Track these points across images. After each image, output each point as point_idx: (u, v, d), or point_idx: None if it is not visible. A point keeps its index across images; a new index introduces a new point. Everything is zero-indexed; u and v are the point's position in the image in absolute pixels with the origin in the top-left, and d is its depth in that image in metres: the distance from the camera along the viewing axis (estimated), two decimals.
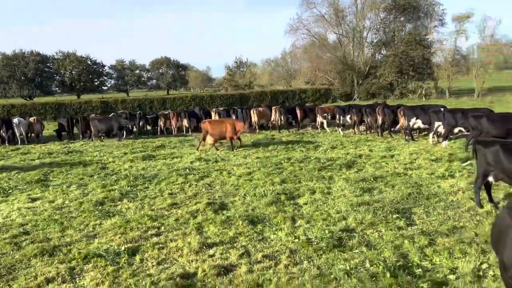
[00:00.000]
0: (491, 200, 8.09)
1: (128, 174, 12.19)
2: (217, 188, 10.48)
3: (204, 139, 16.31)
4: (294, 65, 61.05)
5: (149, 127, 23.38)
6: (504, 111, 16.06)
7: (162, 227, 7.75)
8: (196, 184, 10.87)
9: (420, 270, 5.54)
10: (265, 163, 12.97)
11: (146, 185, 11.00)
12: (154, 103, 36.94)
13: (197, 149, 16.27)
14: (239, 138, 16.02)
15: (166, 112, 23.10)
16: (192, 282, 5.62)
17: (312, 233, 7.03)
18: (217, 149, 16.15)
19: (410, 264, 5.70)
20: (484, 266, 5.49)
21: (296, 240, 6.85)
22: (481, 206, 7.84)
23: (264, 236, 7.12)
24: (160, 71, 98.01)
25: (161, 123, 22.26)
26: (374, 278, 5.32)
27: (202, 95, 42.91)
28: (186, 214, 8.38)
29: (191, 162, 13.91)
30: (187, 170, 12.60)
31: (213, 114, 22.05)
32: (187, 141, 19.42)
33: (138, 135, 22.33)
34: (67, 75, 79.91)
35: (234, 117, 20.65)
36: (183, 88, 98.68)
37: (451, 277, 5.33)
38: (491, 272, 5.33)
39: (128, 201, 9.51)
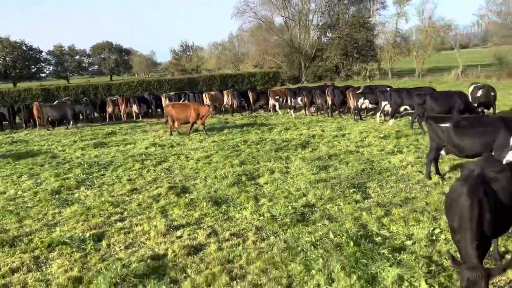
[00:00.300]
0: (438, 172, 8.72)
1: (82, 162, 11.91)
2: (176, 172, 10.51)
3: (172, 122, 15.94)
4: (242, 48, 61.02)
5: (96, 114, 22.72)
6: (443, 89, 17.09)
7: (125, 213, 7.74)
8: (154, 169, 10.83)
9: (379, 238, 5.96)
10: (222, 146, 13.11)
11: (102, 172, 10.83)
12: (99, 89, 35.76)
13: (171, 134, 15.92)
14: (203, 123, 15.81)
15: (114, 98, 22.52)
16: (163, 263, 5.72)
17: (276, 210, 7.31)
18: (171, 134, 16.05)
19: (370, 234, 6.11)
20: (437, 231, 5.99)
21: (261, 217, 7.09)
22: (430, 178, 8.43)
23: (229, 216, 7.31)
24: (102, 56, 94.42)
25: (109, 109, 21.69)
26: (339, 247, 5.67)
27: (149, 80, 42.02)
28: (148, 199, 8.40)
29: (146, 148, 13.78)
30: (143, 156, 12.50)
31: (163, 99, 21.77)
32: (138, 127, 19.11)
33: (84, 122, 21.64)
34: (0, 61, 75.17)
35: (185, 101, 20.48)
36: (127, 74, 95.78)
37: (408, 242, 5.78)
38: (442, 236, 5.83)
39: (85, 189, 9.36)
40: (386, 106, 15.85)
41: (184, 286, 5.10)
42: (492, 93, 14.78)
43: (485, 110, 13.89)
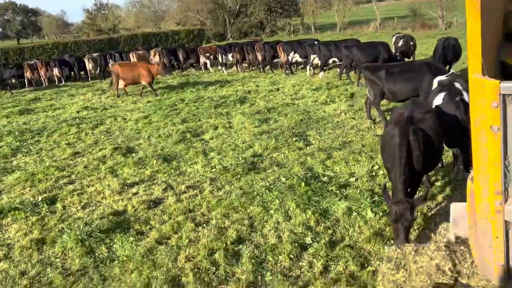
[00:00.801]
0: (369, 117, 9.53)
1: (12, 130, 11.35)
2: (116, 134, 10.44)
3: (117, 83, 15.19)
4: (162, 5, 58.85)
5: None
6: (364, 41, 18.07)
7: (73, 175, 7.70)
8: (92, 133, 10.66)
9: (326, 178, 6.57)
10: (159, 106, 13.08)
11: (36, 138, 10.47)
12: (10, 54, 33.10)
13: (118, 96, 15.28)
14: (151, 83, 15.33)
15: (32, 62, 21.13)
16: (125, 218, 5.91)
17: (227, 161, 7.68)
18: (118, 95, 15.60)
19: (317, 175, 6.70)
20: (375, 168, 6.72)
21: (213, 169, 7.44)
22: (385, 119, 8.99)
23: (181, 171, 7.57)
24: (6, 17, 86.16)
25: (27, 74, 20.37)
26: (291, 188, 6.20)
27: (65, 42, 39.44)
28: (93, 161, 8.37)
29: (78, 112, 13.38)
30: (77, 120, 12.17)
31: (86, 61, 20.82)
32: (63, 91, 18.26)
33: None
34: None
35: (111, 61, 19.76)
36: (35, 36, 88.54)
37: (351, 179, 6.45)
38: (380, 172, 6.56)
39: (23, 156, 9.08)
40: (315, 59, 16.51)
41: (151, 235, 5.36)
42: (412, 43, 15.94)
43: (405, 59, 15.03)
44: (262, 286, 4.22)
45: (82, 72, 21.64)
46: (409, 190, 4.57)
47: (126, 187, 6.98)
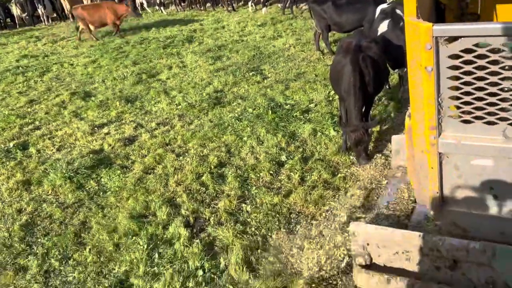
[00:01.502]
0: (318, 48, 10.15)
1: None
2: (68, 80, 10.35)
3: (87, 27, 14.37)
4: None
5: None
6: None
7: (36, 122, 7.78)
8: (41, 80, 10.48)
9: (288, 106, 7.19)
10: (105, 49, 12.89)
11: None
12: None
13: (94, 39, 14.50)
14: (119, 24, 14.66)
15: None
16: (105, 155, 6.25)
17: (191, 98, 8.06)
18: (96, 38, 14.96)
19: (279, 104, 7.30)
20: (331, 93, 7.41)
21: (179, 106, 7.81)
22: (332, 52, 9.62)
23: (147, 110, 7.87)
24: None
25: None
26: (259, 117, 6.77)
27: None
28: (53, 107, 8.42)
29: (17, 61, 12.90)
30: (20, 68, 11.80)
31: (13, 7, 19.45)
32: None
33: None
34: None
35: (41, 7, 18.65)
36: None
37: (311, 105, 7.12)
38: (336, 97, 7.27)
39: None
40: None
41: (136, 168, 5.79)
42: None
43: None
44: (250, 198, 4.85)
45: (8, 20, 20.25)
46: (363, 112, 5.18)
47: (96, 128, 7.22)
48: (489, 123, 1.99)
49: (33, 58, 13.03)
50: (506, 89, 1.89)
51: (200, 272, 3.82)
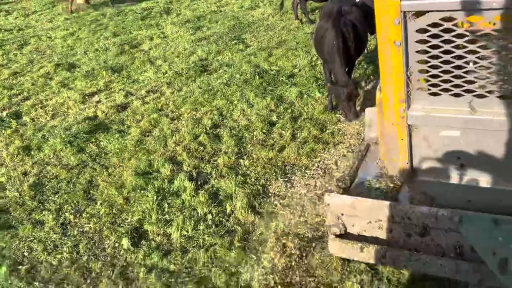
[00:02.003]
0: (297, 17, 10.49)
1: None
2: (49, 52, 10.36)
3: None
4: None
5: None
6: None
7: (25, 93, 7.88)
8: (21, 53, 10.45)
9: (273, 71, 7.56)
10: (82, 22, 12.82)
11: None
12: None
13: (70, 12, 14.12)
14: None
15: None
16: (100, 121, 6.50)
17: (177, 67, 8.31)
18: (71, 11, 14.69)
19: (265, 70, 7.65)
20: (314, 59, 7.80)
21: (166, 75, 8.06)
22: (310, 21, 9.98)
23: (134, 79, 8.08)
24: None
25: None
26: (247, 82, 7.12)
27: None
28: (39, 78, 8.51)
29: None
30: None
31: None
32: None
33: None
34: None
35: None
36: None
37: (295, 70, 7.51)
38: (318, 62, 7.68)
39: None
40: None
41: (133, 132, 6.08)
42: None
43: None
44: (247, 154, 5.26)
45: None
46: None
47: (87, 97, 7.41)
48: (456, 95, 2.04)
49: (7, 32, 12.82)
50: (471, 62, 1.95)
51: (209, 216, 4.23)
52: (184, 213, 4.31)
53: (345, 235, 2.61)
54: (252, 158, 5.17)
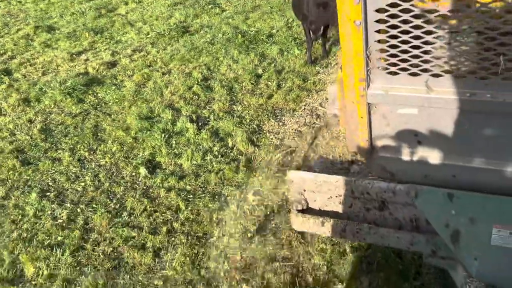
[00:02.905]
0: None
1: None
2: (22, 16, 10.44)
3: None
4: None
5: None
6: None
7: (9, 52, 8.10)
8: None
9: (252, 32, 8.16)
10: None
11: None
12: None
13: None
14: None
15: None
16: (93, 76, 6.92)
17: (158, 28, 8.74)
18: None
19: (244, 31, 8.24)
20: (289, 21, 8.46)
21: (148, 36, 8.49)
22: None
23: (117, 40, 8.46)
24: None
25: None
26: (230, 41, 7.69)
27: None
28: (20, 40, 8.70)
29: None
30: None
31: None
32: None
33: None
34: None
35: None
36: None
37: (273, 31, 8.14)
38: (294, 23, 8.34)
39: None
40: None
41: (128, 85, 6.56)
42: None
43: None
44: (239, 101, 5.90)
45: None
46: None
47: (74, 56, 7.75)
48: (413, 74, 2.09)
49: None
50: (428, 42, 1.98)
51: (215, 149, 4.87)
52: (191, 148, 4.93)
53: (307, 210, 2.68)
54: (244, 104, 5.82)
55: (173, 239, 3.81)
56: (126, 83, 6.63)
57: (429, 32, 1.92)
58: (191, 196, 4.27)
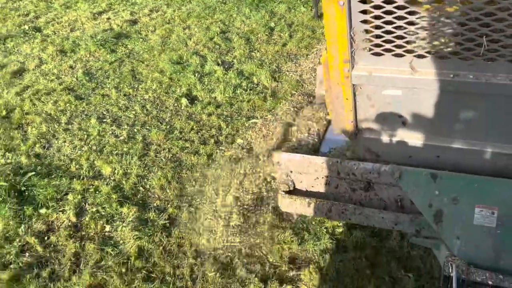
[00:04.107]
0: None
1: None
2: None
3: None
4: None
5: None
6: None
7: (32, 13, 8.75)
8: None
9: None
10: None
11: None
12: None
13: None
14: None
15: None
16: (119, 31, 7.66)
17: None
18: None
19: None
20: None
21: None
22: None
23: (132, 2, 9.15)
24: None
25: None
26: (240, 0, 8.48)
27: None
28: (39, 2, 9.32)
29: None
30: None
31: None
32: None
33: None
34: None
35: None
36: None
37: None
38: None
39: None
40: None
41: (153, 38, 7.33)
42: None
43: None
44: (256, 49, 6.74)
45: None
46: None
47: (96, 15, 8.46)
48: (398, 55, 2.09)
49: None
50: (412, 23, 1.97)
51: (243, 84, 5.73)
52: (222, 84, 5.78)
53: (293, 191, 2.74)
54: (261, 51, 6.67)
55: (220, 147, 4.69)
56: (150, 36, 7.40)
57: (413, 13, 1.90)
58: (229, 118, 5.14)
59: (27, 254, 3.59)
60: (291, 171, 2.66)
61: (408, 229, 2.42)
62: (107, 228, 3.79)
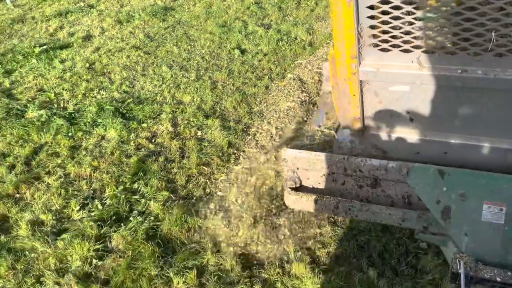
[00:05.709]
0: None
1: None
2: None
3: None
4: None
5: None
6: None
7: None
8: None
9: None
10: None
11: None
12: None
13: None
14: None
15: None
16: (163, 5, 8.87)
17: None
18: None
19: None
20: None
21: None
22: None
23: None
24: None
25: None
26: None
27: None
28: None
29: None
30: None
31: None
32: None
33: None
34: None
35: None
36: None
37: None
38: None
39: None
40: None
41: (196, 9, 8.55)
42: None
43: None
44: (289, 15, 7.95)
45: None
46: None
47: None
48: (405, 51, 2.09)
49: None
50: (420, 17, 1.97)
51: (284, 38, 6.93)
52: (266, 39, 6.99)
53: (300, 188, 2.77)
54: (293, 15, 7.90)
55: (274, 81, 5.90)
56: (193, 8, 8.62)
57: (421, 8, 1.90)
58: (277, 62, 6.36)
59: (142, 149, 4.80)
60: (298, 168, 2.69)
61: (416, 225, 2.42)
62: (199, 133, 5.00)
